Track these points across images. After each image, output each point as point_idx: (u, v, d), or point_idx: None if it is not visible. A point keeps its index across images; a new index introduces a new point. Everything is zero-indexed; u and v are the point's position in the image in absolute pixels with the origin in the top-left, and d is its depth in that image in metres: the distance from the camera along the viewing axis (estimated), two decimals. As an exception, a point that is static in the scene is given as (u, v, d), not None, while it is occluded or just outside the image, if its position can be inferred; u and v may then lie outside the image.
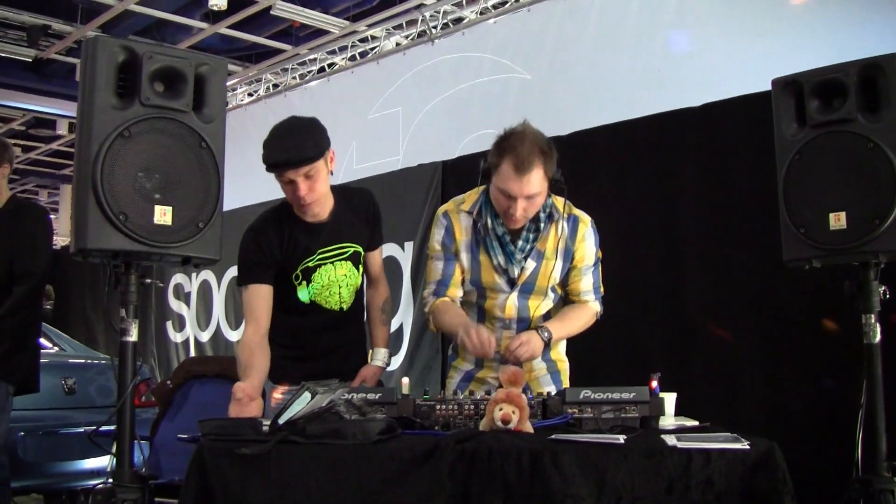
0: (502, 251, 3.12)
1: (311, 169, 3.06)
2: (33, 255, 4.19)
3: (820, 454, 3.76)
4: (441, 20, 8.29)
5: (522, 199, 2.95)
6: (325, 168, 3.13)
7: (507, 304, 3.17)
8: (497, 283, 3.15)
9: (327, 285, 3.26)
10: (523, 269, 3.13)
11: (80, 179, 2.40)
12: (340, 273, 3.29)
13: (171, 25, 10.04)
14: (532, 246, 3.13)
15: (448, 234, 3.18)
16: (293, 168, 3.04)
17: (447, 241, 3.18)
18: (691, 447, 2.24)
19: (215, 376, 5.12)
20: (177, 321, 9.09)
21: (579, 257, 3.19)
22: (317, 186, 3.11)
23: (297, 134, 3.09)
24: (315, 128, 3.14)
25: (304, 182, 3.07)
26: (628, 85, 6.44)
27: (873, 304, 2.78)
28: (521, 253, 3.12)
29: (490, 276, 3.15)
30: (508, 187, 2.94)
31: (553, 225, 3.14)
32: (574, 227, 3.18)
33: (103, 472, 4.14)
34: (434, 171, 6.09)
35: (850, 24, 5.37)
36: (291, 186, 3.10)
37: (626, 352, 4.74)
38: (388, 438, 2.32)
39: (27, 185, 18.50)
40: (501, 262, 3.13)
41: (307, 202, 3.12)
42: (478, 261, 3.16)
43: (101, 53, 2.43)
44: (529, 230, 3.12)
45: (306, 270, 3.23)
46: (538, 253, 3.14)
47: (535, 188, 2.96)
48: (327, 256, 3.26)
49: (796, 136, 2.87)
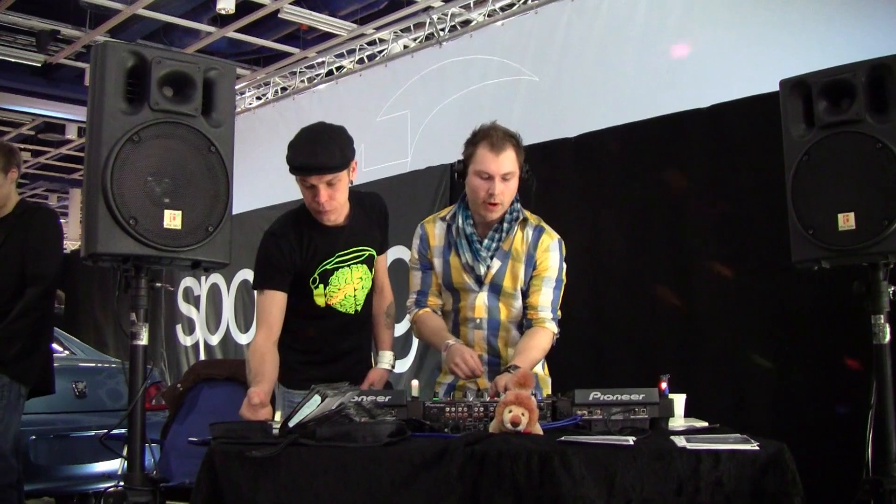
0: (469, 249, 3.23)
1: (334, 178, 3.08)
2: (44, 258, 4.20)
3: (830, 455, 3.75)
4: (449, 22, 8.29)
5: (499, 179, 3.10)
6: (347, 178, 3.15)
7: (477, 304, 3.25)
8: (466, 282, 3.25)
9: (343, 288, 3.28)
10: (489, 267, 3.23)
11: (90, 184, 2.41)
12: (356, 276, 3.31)
13: (178, 29, 10.06)
14: (498, 245, 3.23)
15: (423, 243, 3.36)
16: (317, 174, 3.06)
17: (422, 250, 3.35)
18: (701, 448, 2.24)
19: (225, 379, 5.13)
20: (186, 325, 9.12)
21: (542, 266, 3.25)
22: (337, 195, 3.13)
23: (326, 141, 3.10)
24: (343, 136, 3.15)
25: (325, 189, 3.09)
26: (636, 86, 6.43)
27: (883, 304, 2.78)
28: (487, 251, 3.23)
29: (460, 277, 3.27)
30: (486, 166, 3.11)
31: (519, 228, 3.25)
32: (538, 236, 3.27)
33: (114, 475, 4.16)
34: (442, 174, 6.10)
35: (857, 24, 5.36)
36: (312, 192, 3.11)
37: (635, 353, 4.74)
38: (397, 441, 2.32)
39: (37, 189, 18.55)
40: (469, 260, 3.23)
41: (326, 209, 3.13)
42: (448, 263, 3.29)
43: (110, 58, 2.44)
44: (496, 230, 3.23)
45: (324, 273, 3.25)
46: (504, 252, 3.24)
47: (510, 167, 3.12)
48: (345, 259, 3.28)
49: (804, 137, 2.87)
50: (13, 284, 4.12)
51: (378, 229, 3.42)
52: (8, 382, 4.02)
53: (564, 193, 5.09)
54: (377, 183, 6.38)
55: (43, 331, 4.24)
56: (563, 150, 5.21)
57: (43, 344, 4.25)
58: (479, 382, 3.22)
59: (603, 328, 4.91)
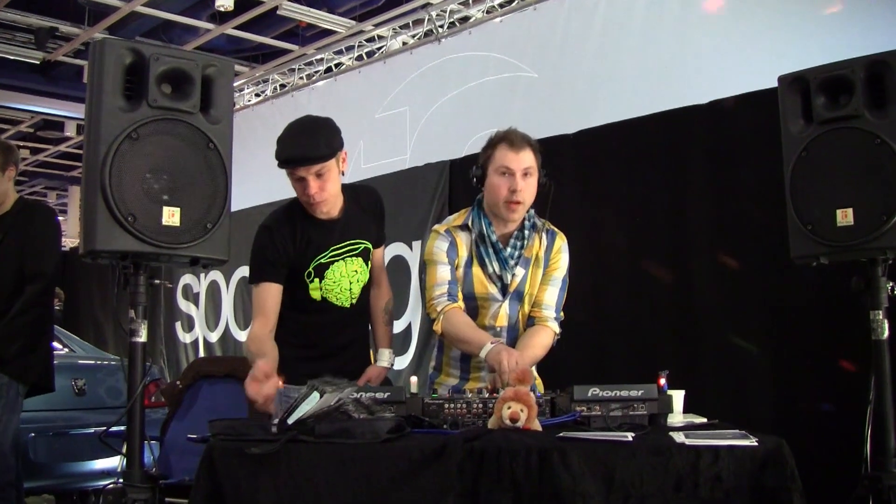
0: (497, 257, 3.19)
1: (322, 168, 3.09)
2: (43, 255, 4.20)
3: (828, 450, 3.76)
4: (447, 19, 8.28)
5: (521, 175, 3.09)
6: (337, 168, 3.16)
7: (500, 313, 3.23)
8: (490, 292, 3.21)
9: (338, 281, 3.29)
10: (514, 275, 3.21)
11: (88, 181, 2.41)
12: (351, 269, 3.32)
13: (177, 27, 10.05)
14: (520, 253, 3.22)
15: (452, 248, 3.21)
16: (304, 165, 3.07)
17: (451, 253, 3.21)
18: (699, 444, 2.25)
19: (224, 376, 5.12)
20: (186, 322, 9.12)
21: (552, 266, 3.26)
22: (327, 186, 3.14)
23: (311, 132, 3.11)
24: (329, 127, 3.17)
25: (314, 181, 3.10)
26: (635, 83, 6.42)
27: (881, 300, 2.79)
28: (512, 259, 3.20)
29: (483, 287, 3.21)
30: (507, 162, 3.10)
31: (537, 234, 3.25)
32: (552, 239, 3.28)
33: (114, 472, 4.16)
34: (441, 171, 6.10)
35: (856, 20, 5.35)
36: (302, 184, 3.12)
37: (634, 349, 4.74)
38: (397, 437, 2.33)
39: (35, 186, 18.54)
40: (496, 269, 3.19)
41: (316, 201, 3.14)
42: (471, 273, 3.23)
43: (108, 56, 2.44)
44: (517, 238, 3.21)
45: (319, 267, 3.26)
46: (525, 260, 3.23)
47: (530, 162, 3.12)
48: (340, 253, 3.29)
49: (803, 133, 2.88)
50: (12, 282, 4.12)
51: (374, 222, 3.42)
52: (7, 381, 4.02)
53: (563, 190, 5.05)
54: (376, 180, 6.37)
55: (42, 329, 4.24)
56: (563, 147, 5.20)
57: (42, 342, 4.25)
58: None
59: (602, 324, 4.91)
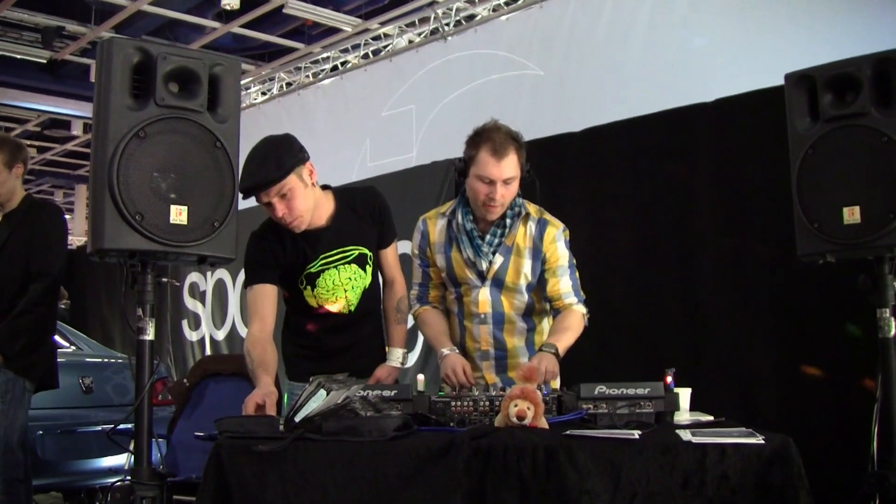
0: (470, 245, 3.24)
1: (280, 188, 3.05)
2: (49, 254, 4.22)
3: (835, 449, 3.75)
4: (453, 17, 8.28)
5: (501, 184, 3.10)
6: (301, 184, 3.09)
7: (480, 299, 3.27)
8: (468, 277, 3.28)
9: (332, 289, 3.27)
10: (491, 262, 3.24)
11: (96, 180, 2.42)
12: (345, 276, 3.29)
13: (183, 25, 10.08)
14: (500, 241, 3.24)
15: (423, 239, 3.37)
16: (260, 191, 3.04)
17: (422, 245, 3.38)
18: (706, 442, 2.25)
19: (231, 375, 5.12)
20: (192, 320, 9.13)
21: (552, 259, 3.26)
22: (294, 204, 3.09)
23: (261, 158, 3.06)
24: (281, 147, 3.10)
25: (279, 202, 3.07)
26: (641, 80, 6.42)
27: (888, 298, 2.78)
28: (489, 247, 3.24)
29: (462, 272, 3.29)
30: (488, 172, 3.09)
31: (522, 223, 3.25)
32: (542, 228, 3.27)
33: (121, 469, 4.18)
34: (447, 169, 6.08)
35: (863, 18, 5.34)
36: (269, 208, 3.11)
37: (641, 347, 4.74)
38: (403, 435, 2.33)
39: (42, 185, 18.58)
40: (470, 256, 3.25)
41: (287, 221, 3.12)
42: (450, 258, 3.31)
43: (115, 55, 2.45)
44: (498, 226, 3.24)
45: (309, 276, 3.25)
46: (506, 248, 3.25)
47: (512, 171, 3.12)
48: (330, 261, 3.26)
49: (809, 131, 2.87)
50: (18, 280, 4.14)
51: (372, 226, 3.36)
52: (13, 377, 4.04)
53: (569, 188, 5.09)
54: (382, 178, 6.38)
55: (47, 327, 4.27)
56: (569, 145, 5.20)
57: (47, 339, 4.27)
58: (486, 377, 3.24)
59: (608, 322, 4.89)
